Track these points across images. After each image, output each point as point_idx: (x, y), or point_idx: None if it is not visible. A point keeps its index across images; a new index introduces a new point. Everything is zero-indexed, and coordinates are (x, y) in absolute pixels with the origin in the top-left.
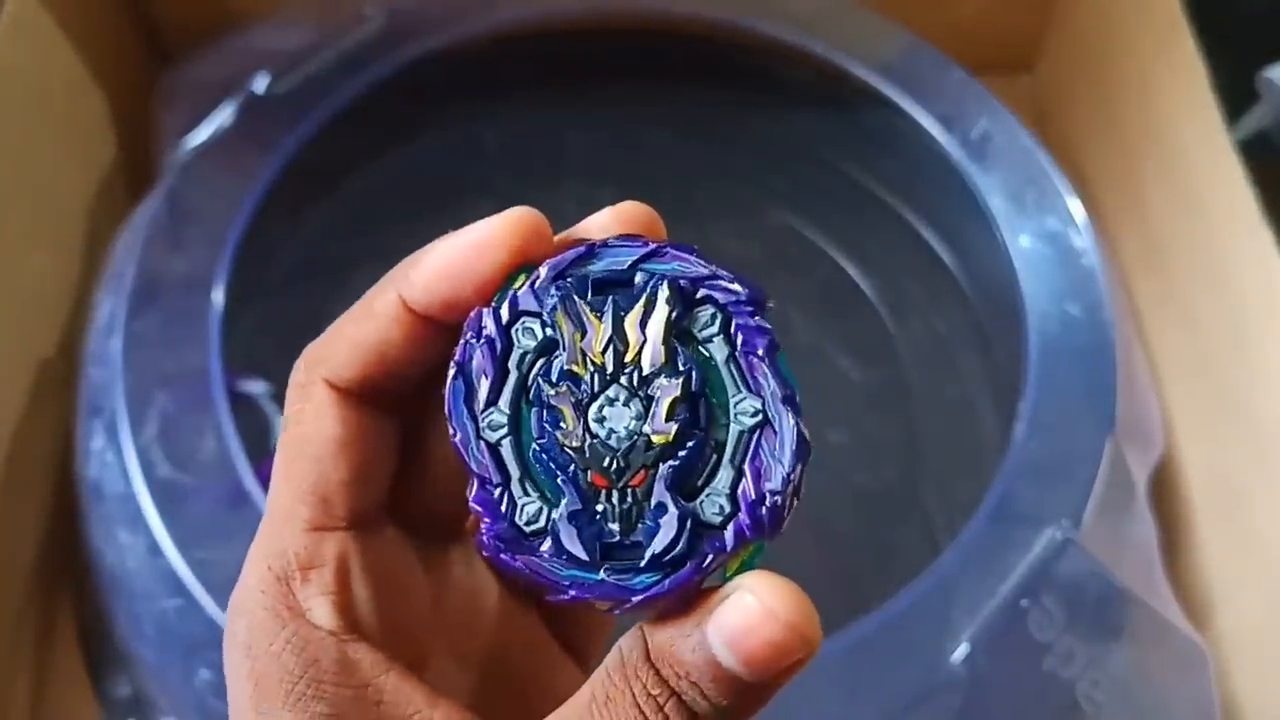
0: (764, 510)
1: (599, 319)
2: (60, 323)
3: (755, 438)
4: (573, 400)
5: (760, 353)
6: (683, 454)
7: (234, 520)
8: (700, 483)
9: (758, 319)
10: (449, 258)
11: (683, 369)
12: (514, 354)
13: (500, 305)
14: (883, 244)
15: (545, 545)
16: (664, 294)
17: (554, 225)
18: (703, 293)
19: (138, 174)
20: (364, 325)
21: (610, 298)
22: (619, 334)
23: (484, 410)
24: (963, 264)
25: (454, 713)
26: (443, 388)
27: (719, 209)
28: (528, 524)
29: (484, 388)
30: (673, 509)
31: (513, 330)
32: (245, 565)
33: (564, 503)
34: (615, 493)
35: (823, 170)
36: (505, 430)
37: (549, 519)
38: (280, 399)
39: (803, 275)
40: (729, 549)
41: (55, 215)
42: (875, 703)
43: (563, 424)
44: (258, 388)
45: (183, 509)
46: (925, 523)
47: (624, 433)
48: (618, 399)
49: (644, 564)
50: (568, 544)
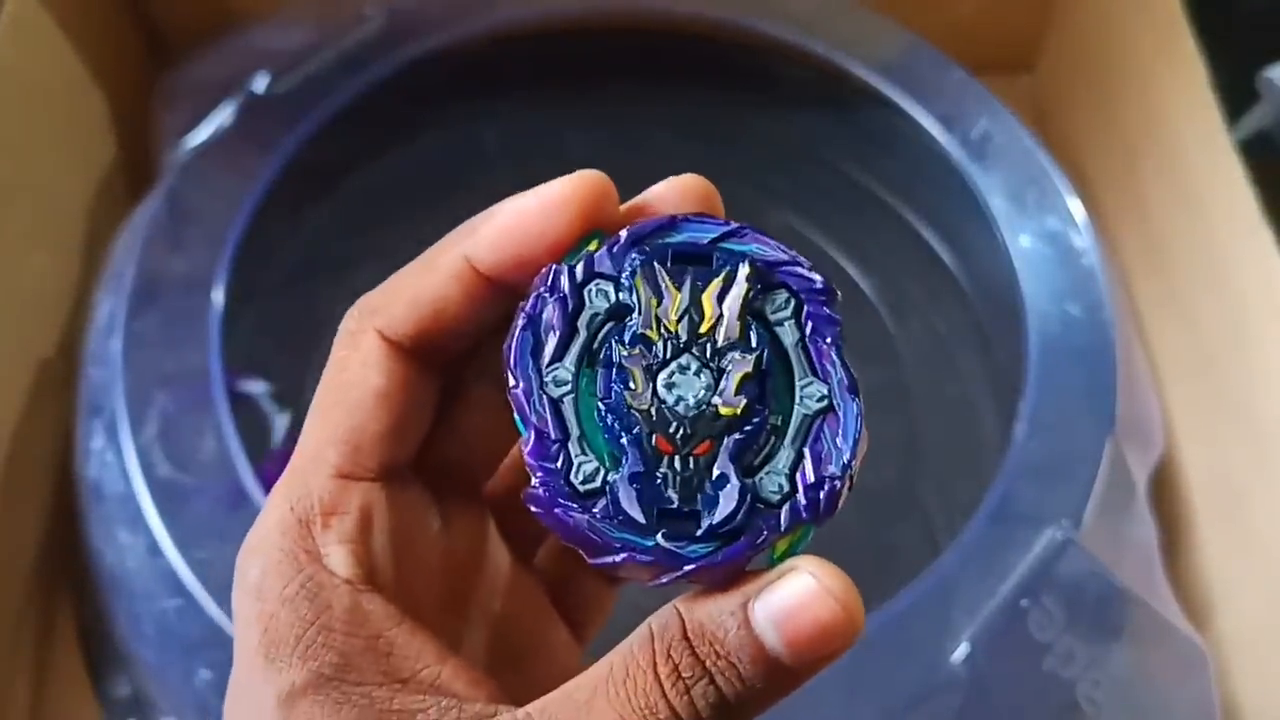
0: (821, 494)
1: (677, 288)
2: (60, 323)
3: (819, 423)
4: (644, 364)
5: (829, 340)
6: (748, 429)
7: (234, 520)
8: (758, 462)
9: (829, 309)
10: (518, 216)
11: (755, 346)
12: (584, 314)
13: (575, 264)
14: (883, 244)
15: (600, 505)
16: (744, 271)
17: None
18: (779, 277)
19: (138, 174)
20: (424, 280)
21: (689, 271)
22: (696, 305)
23: (550, 365)
24: (963, 264)
25: (462, 670)
26: (494, 349)
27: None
28: (584, 483)
29: (551, 343)
30: (735, 481)
31: (585, 290)
32: (265, 506)
33: (626, 463)
34: (678, 459)
35: (823, 170)
36: (569, 388)
37: (605, 479)
38: (280, 399)
39: None
40: (783, 528)
41: (55, 215)
42: (875, 703)
43: (632, 385)
44: (258, 388)
45: (183, 509)
46: (925, 523)
47: (692, 401)
48: (689, 368)
49: (700, 533)
50: (626, 505)
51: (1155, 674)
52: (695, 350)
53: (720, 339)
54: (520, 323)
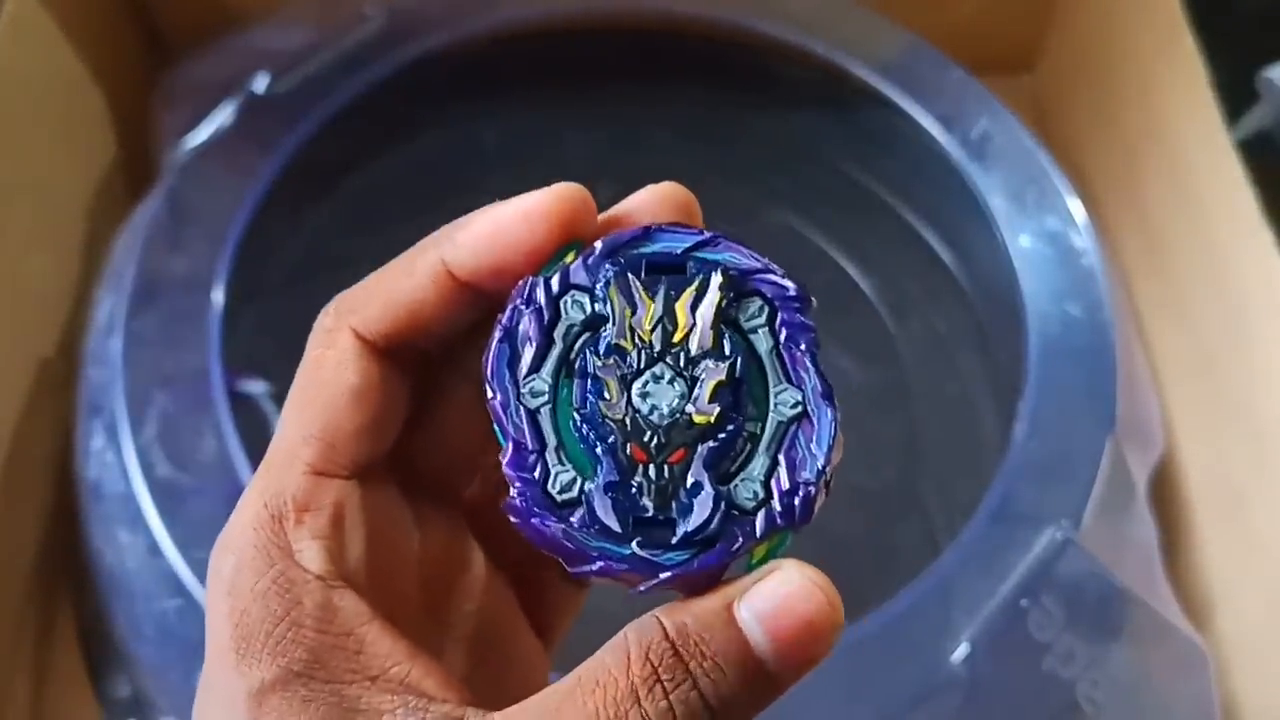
0: (796, 500)
1: (651, 298)
2: (60, 323)
3: (794, 429)
4: (618, 374)
5: (804, 347)
6: (722, 436)
7: None
8: (734, 469)
9: (803, 316)
10: (497, 224)
11: (729, 354)
12: (560, 325)
13: (551, 276)
14: (883, 244)
15: (577, 515)
16: (717, 280)
17: None
18: (753, 285)
19: (138, 174)
20: (401, 282)
21: (663, 280)
22: (669, 314)
23: (526, 376)
24: (963, 264)
25: (433, 669)
26: (471, 353)
27: (719, 209)
28: (560, 492)
29: (528, 354)
30: (709, 489)
31: (561, 302)
32: (240, 502)
33: (601, 473)
34: (653, 467)
35: (823, 170)
36: (546, 398)
37: (582, 489)
38: (280, 399)
39: (803, 275)
40: (759, 535)
41: (55, 215)
42: (875, 703)
43: (606, 395)
44: (258, 388)
45: (183, 509)
46: (925, 523)
47: (666, 410)
48: (663, 377)
49: (675, 541)
50: (601, 514)
51: (1155, 674)
52: (669, 359)
53: (694, 348)
54: (497, 335)
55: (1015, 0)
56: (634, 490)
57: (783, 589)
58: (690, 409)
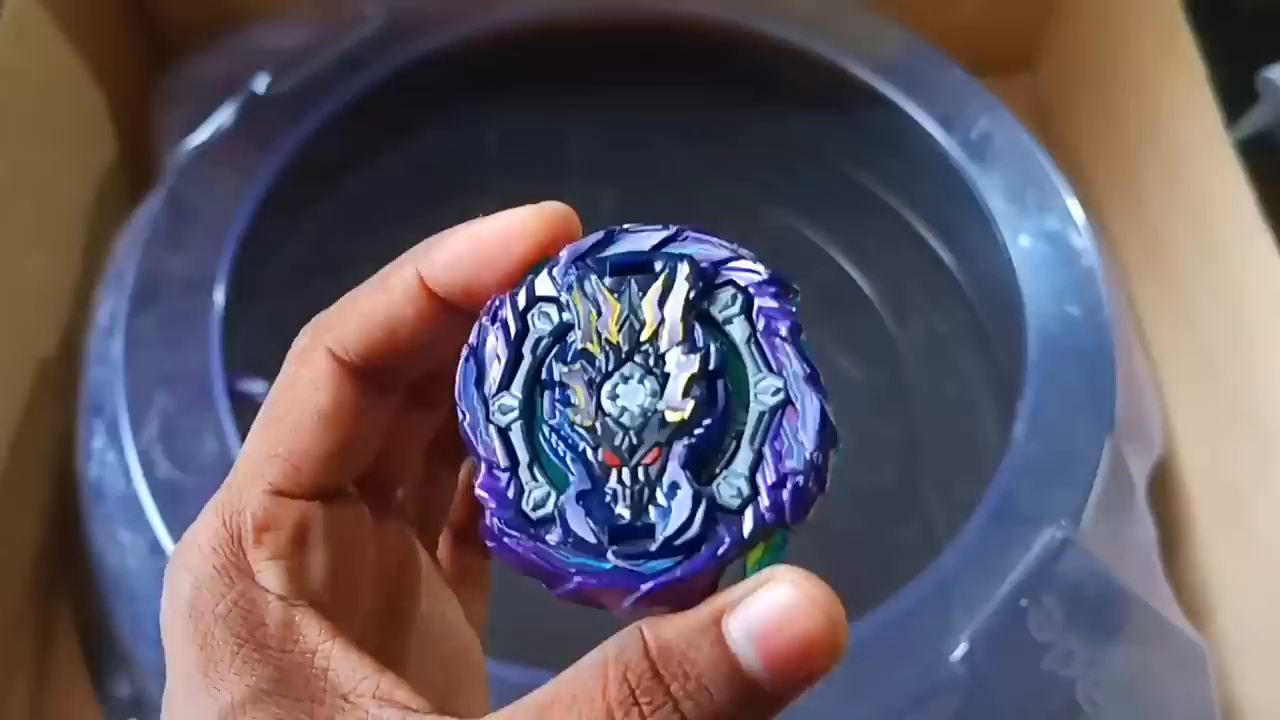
0: (785, 493)
1: (616, 299)
2: (60, 323)
3: (776, 418)
4: (585, 379)
5: (783, 333)
6: (699, 432)
7: None
8: (719, 469)
9: (780, 301)
10: (475, 241)
11: (700, 345)
12: (529, 339)
13: (518, 291)
14: (883, 244)
15: (552, 531)
16: (683, 272)
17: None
18: (725, 274)
19: (138, 174)
20: (376, 299)
21: (629, 280)
22: (635, 312)
23: (495, 394)
24: (963, 264)
25: (400, 685)
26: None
27: (719, 209)
28: (535, 509)
29: (495, 371)
30: (686, 488)
31: (529, 315)
32: (198, 520)
33: (572, 483)
34: (626, 471)
35: (823, 170)
36: (516, 414)
37: (557, 503)
38: None
39: (803, 275)
40: (747, 535)
41: (55, 215)
42: (875, 703)
43: (574, 401)
44: (258, 388)
45: (183, 509)
46: (925, 523)
47: (637, 410)
48: (632, 376)
49: (655, 548)
50: (575, 526)
51: (1155, 674)
52: (638, 358)
53: (663, 344)
54: (464, 354)
55: (1015, 0)
56: (608, 498)
57: (777, 602)
58: (662, 406)
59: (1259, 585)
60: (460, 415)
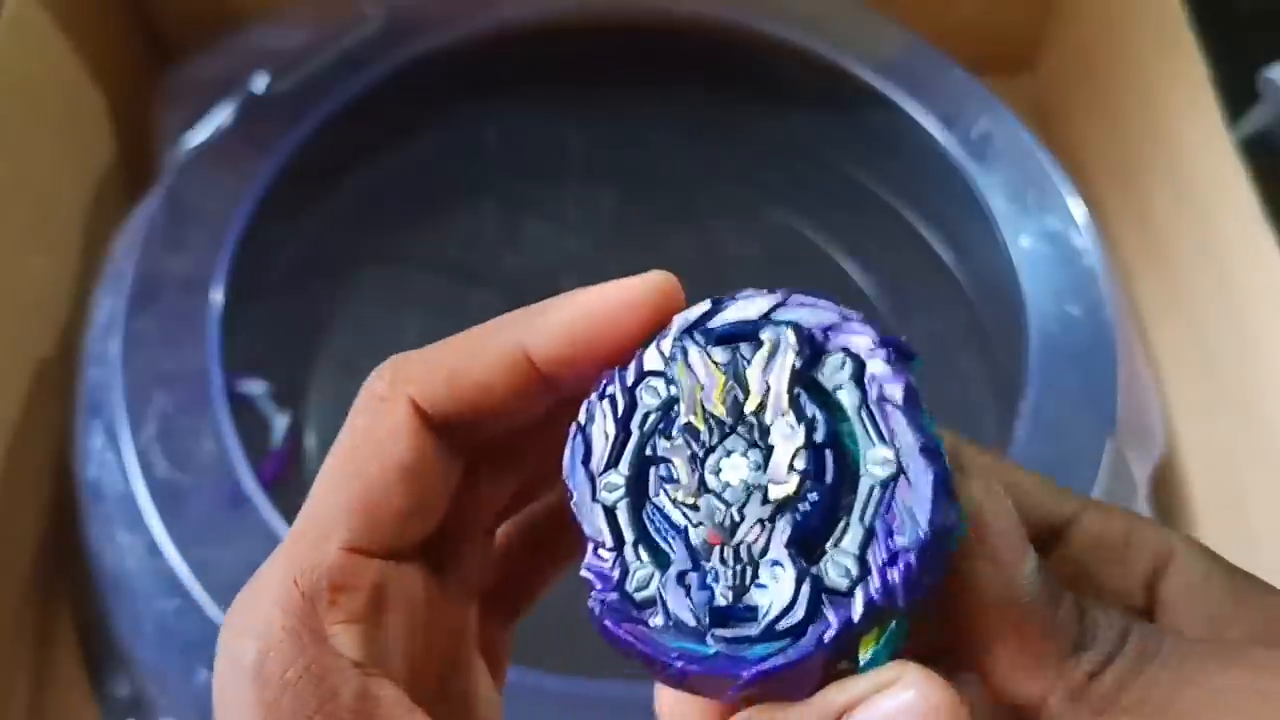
0: (895, 574)
1: (721, 370)
2: (60, 323)
3: (888, 492)
4: (688, 454)
5: (896, 400)
6: (804, 508)
7: (233, 520)
8: (827, 547)
9: (893, 366)
10: (584, 315)
11: (807, 415)
12: (636, 414)
13: (626, 367)
14: (883, 244)
15: (654, 613)
16: (789, 340)
17: (554, 225)
18: (835, 340)
19: (138, 174)
20: (471, 361)
21: (736, 349)
22: (740, 383)
23: (602, 472)
24: (963, 264)
25: None
26: (520, 447)
27: (719, 209)
28: (638, 590)
29: (602, 448)
30: (790, 567)
31: (637, 390)
32: (261, 580)
33: (674, 563)
34: (728, 550)
35: (823, 170)
36: (623, 492)
37: (658, 585)
38: (279, 399)
39: (803, 275)
40: (857, 619)
41: (55, 215)
42: None
43: (677, 477)
44: (257, 388)
45: (182, 509)
46: None
47: (740, 485)
48: (735, 450)
49: (758, 632)
50: (674, 608)
51: None
52: (742, 430)
53: (768, 415)
54: (572, 431)
55: (1015, 0)
56: (708, 578)
57: (900, 709)
58: (766, 480)
59: None
60: (568, 494)
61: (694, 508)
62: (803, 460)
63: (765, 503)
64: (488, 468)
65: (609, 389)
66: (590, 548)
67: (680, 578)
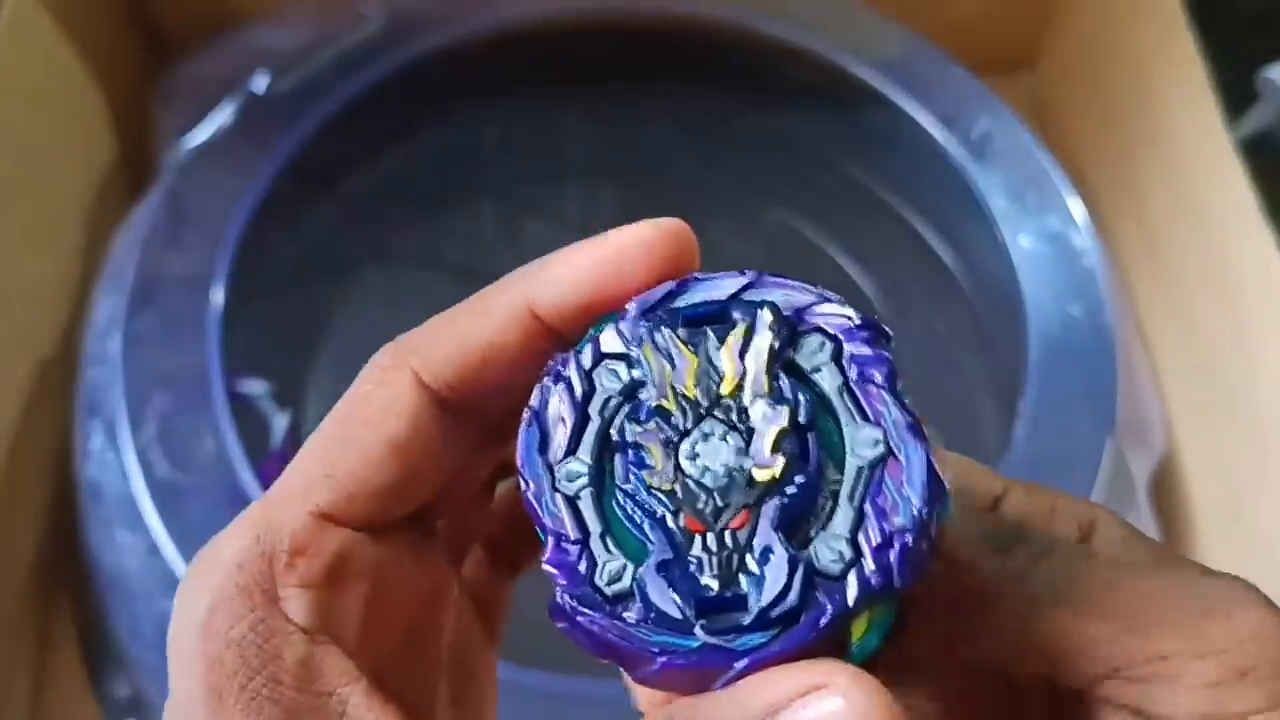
0: (892, 554)
1: (691, 351)
2: (60, 323)
3: (877, 472)
4: (661, 438)
5: (879, 380)
6: (792, 491)
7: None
8: (814, 531)
9: (874, 347)
10: (593, 259)
11: (788, 397)
12: (596, 399)
13: (582, 349)
14: (883, 244)
15: (631, 607)
16: (766, 319)
17: (554, 225)
18: (810, 320)
19: (138, 174)
20: (475, 322)
21: (705, 331)
22: (713, 365)
23: (561, 460)
24: (963, 264)
25: None
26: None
27: (719, 209)
28: (609, 584)
29: (560, 436)
30: (781, 551)
31: (595, 374)
32: (229, 532)
33: (652, 552)
34: (711, 537)
35: (823, 170)
36: (585, 481)
37: (634, 576)
38: (279, 399)
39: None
40: (852, 602)
41: (55, 215)
42: None
43: (650, 463)
44: (257, 388)
45: (182, 509)
46: None
47: (721, 470)
48: (713, 434)
49: (749, 621)
50: (657, 599)
51: None
52: (719, 414)
53: (747, 397)
54: (525, 418)
55: (1015, 0)
56: (692, 567)
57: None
58: (749, 464)
59: (1259, 585)
60: (524, 484)
61: (671, 494)
62: (788, 443)
63: (750, 487)
64: (487, 431)
65: (564, 372)
66: (551, 541)
67: (661, 568)
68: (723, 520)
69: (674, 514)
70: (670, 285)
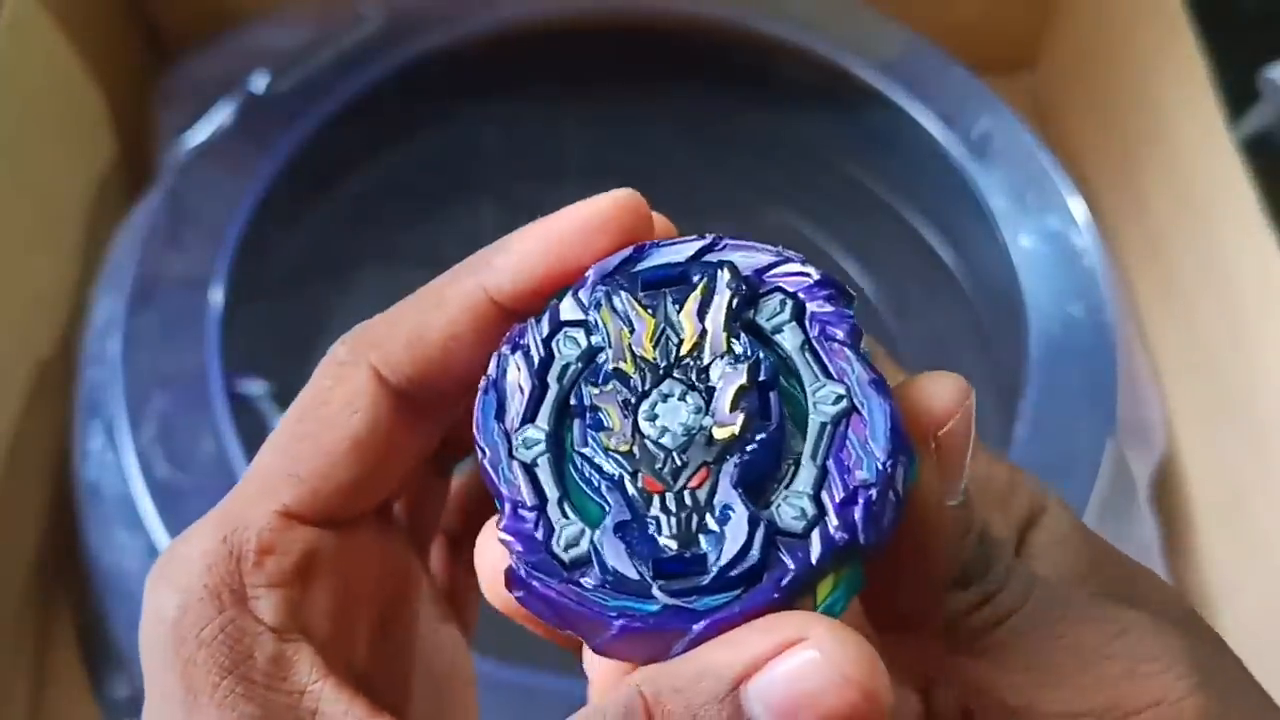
0: (856, 510)
1: (650, 314)
2: (59, 323)
3: (840, 428)
4: (619, 399)
5: (840, 338)
6: (752, 448)
7: None
8: (777, 492)
9: (835, 304)
10: (548, 239)
11: (748, 355)
12: (554, 367)
13: (540, 317)
14: (883, 244)
15: (589, 572)
16: (724, 278)
17: None
18: (770, 281)
19: (137, 174)
20: (431, 314)
21: (663, 294)
22: (672, 326)
23: (518, 427)
24: (963, 264)
25: None
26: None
27: (719, 209)
28: (567, 549)
29: (518, 403)
30: (741, 510)
31: (553, 342)
32: (195, 531)
33: (609, 515)
34: (670, 496)
35: (823, 170)
36: (543, 448)
37: (592, 540)
38: (280, 399)
39: None
40: (815, 560)
41: (55, 215)
42: None
43: (607, 425)
44: (257, 388)
45: (181, 510)
46: None
47: (680, 429)
48: (672, 394)
49: (709, 581)
50: (613, 562)
51: None
52: (678, 374)
53: (706, 357)
54: (482, 386)
55: (1015, 0)
56: (650, 528)
57: (803, 676)
58: (709, 423)
59: (1259, 585)
60: (480, 452)
61: (629, 455)
62: (747, 400)
63: (710, 445)
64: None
65: (522, 340)
66: (508, 509)
67: (619, 529)
68: (682, 480)
69: (632, 475)
70: (628, 251)
